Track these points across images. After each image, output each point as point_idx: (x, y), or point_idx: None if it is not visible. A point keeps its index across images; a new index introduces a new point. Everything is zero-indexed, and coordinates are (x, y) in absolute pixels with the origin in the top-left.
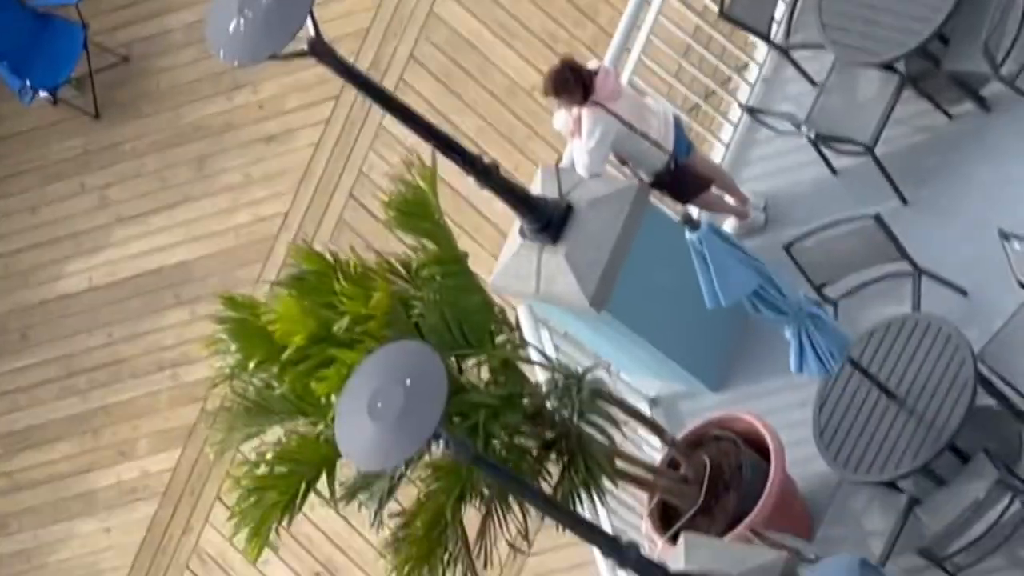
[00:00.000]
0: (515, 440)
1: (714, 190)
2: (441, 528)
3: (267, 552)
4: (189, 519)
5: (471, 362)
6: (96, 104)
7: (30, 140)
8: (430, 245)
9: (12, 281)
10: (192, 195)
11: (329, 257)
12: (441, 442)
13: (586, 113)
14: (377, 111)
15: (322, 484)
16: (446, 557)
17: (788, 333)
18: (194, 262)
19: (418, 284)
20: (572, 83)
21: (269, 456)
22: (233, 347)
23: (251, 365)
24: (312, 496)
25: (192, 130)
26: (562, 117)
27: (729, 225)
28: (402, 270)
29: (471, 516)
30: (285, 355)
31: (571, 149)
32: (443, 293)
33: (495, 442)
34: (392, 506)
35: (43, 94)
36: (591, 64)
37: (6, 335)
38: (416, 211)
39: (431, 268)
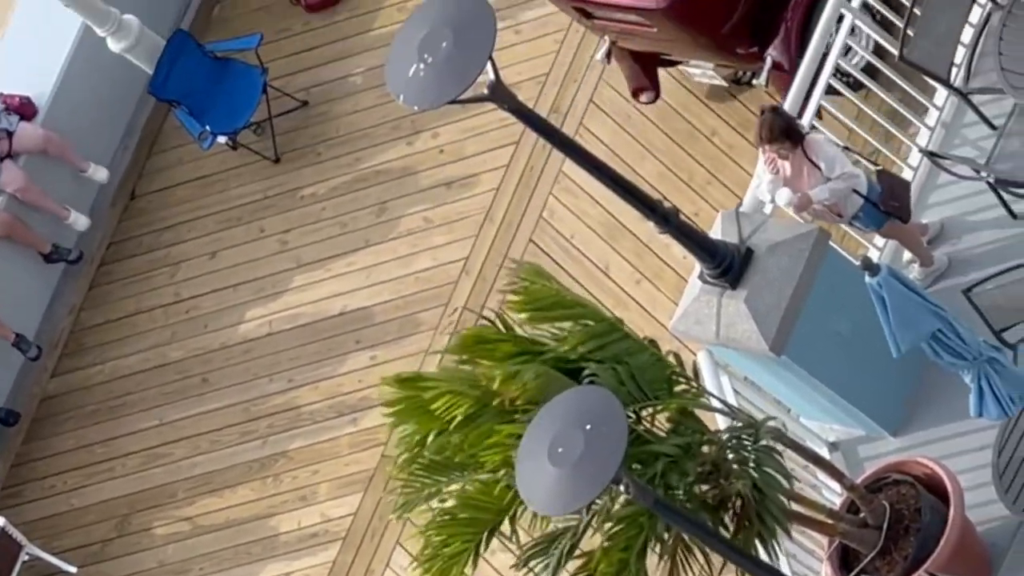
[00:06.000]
0: (694, 490)
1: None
2: None
3: None
4: (370, 564)
5: (648, 412)
6: (276, 149)
7: (210, 185)
8: (575, 326)
9: (193, 325)
10: (372, 240)
11: (498, 326)
12: (621, 487)
13: (814, 147)
14: (557, 156)
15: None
16: None
17: (967, 378)
18: (374, 307)
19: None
20: (792, 128)
21: (451, 504)
22: (406, 426)
23: (429, 438)
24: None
25: (372, 175)
26: (771, 165)
27: (913, 273)
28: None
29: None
30: (453, 426)
31: (761, 191)
32: (610, 357)
33: (674, 492)
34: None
35: (222, 139)
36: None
37: (187, 379)
38: (544, 305)
39: (587, 344)
